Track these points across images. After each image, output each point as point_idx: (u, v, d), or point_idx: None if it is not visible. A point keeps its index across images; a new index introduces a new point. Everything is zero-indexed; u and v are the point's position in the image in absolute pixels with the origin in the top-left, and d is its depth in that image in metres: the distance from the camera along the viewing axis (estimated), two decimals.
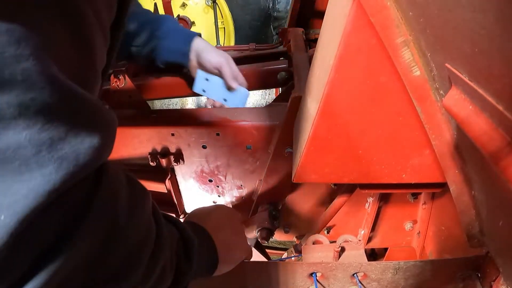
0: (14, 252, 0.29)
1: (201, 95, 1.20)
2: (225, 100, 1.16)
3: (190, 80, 1.17)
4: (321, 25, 0.71)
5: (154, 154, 1.17)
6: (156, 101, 1.77)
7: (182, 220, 0.68)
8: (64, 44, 0.33)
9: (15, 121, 0.28)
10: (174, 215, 1.31)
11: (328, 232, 1.22)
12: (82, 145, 0.32)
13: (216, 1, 3.08)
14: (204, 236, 0.66)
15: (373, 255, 1.53)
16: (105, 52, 0.42)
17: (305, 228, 1.26)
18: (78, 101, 0.33)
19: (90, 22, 0.36)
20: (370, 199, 1.10)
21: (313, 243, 0.86)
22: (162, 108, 1.74)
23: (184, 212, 1.36)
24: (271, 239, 1.24)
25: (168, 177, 1.24)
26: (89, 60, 0.38)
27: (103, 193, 0.37)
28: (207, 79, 1.13)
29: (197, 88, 1.15)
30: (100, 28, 0.39)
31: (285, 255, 1.22)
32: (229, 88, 1.11)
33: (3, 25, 0.27)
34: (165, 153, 1.17)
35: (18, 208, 0.29)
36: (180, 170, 1.25)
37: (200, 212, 0.74)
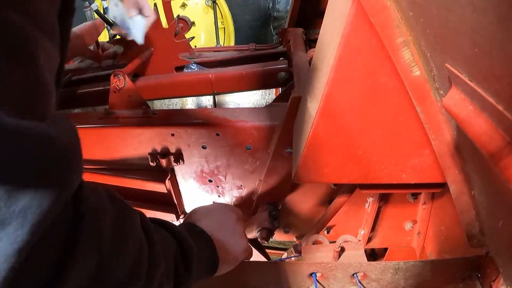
0: None
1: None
2: (128, 28, 1.15)
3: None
4: (321, 25, 0.71)
5: (154, 154, 1.17)
6: (156, 101, 1.76)
7: (182, 220, 0.67)
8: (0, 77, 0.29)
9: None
10: (174, 216, 1.31)
11: (328, 232, 1.22)
12: (44, 187, 0.29)
13: (216, 1, 3.08)
14: (203, 239, 0.65)
15: (373, 255, 1.53)
16: (56, 50, 0.38)
17: (305, 228, 1.26)
18: (24, 141, 0.29)
19: (23, 33, 0.31)
20: (370, 199, 1.10)
21: (313, 243, 0.86)
22: (162, 108, 1.74)
23: (184, 212, 1.36)
24: (271, 239, 1.24)
25: (168, 177, 1.24)
26: (33, 77, 0.33)
27: (85, 224, 0.35)
28: (116, 5, 1.13)
29: (111, 14, 1.15)
30: (42, 32, 0.34)
31: (285, 255, 1.22)
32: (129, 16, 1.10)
33: None
34: (165, 153, 1.17)
35: None
36: (180, 170, 1.25)
37: (199, 212, 0.74)
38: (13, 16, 0.30)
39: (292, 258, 1.08)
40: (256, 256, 1.32)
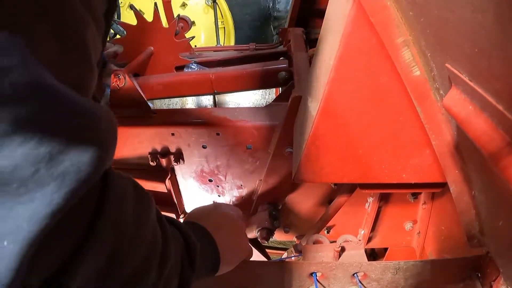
0: (22, 278, 0.28)
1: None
2: None
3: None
4: (321, 25, 0.71)
5: (154, 154, 1.17)
6: (156, 101, 1.77)
7: (182, 220, 0.67)
8: (53, 46, 0.31)
9: (9, 138, 0.26)
10: (174, 215, 1.31)
11: (328, 232, 1.22)
12: (83, 156, 0.30)
13: (216, 1, 3.08)
14: (205, 238, 0.65)
15: (373, 255, 1.53)
16: (100, 41, 0.40)
17: (305, 228, 1.26)
18: (74, 110, 0.30)
19: (80, 16, 0.34)
20: (370, 199, 1.10)
21: (313, 243, 0.86)
22: (162, 108, 1.75)
23: (184, 212, 1.36)
24: (271, 239, 1.24)
25: (168, 177, 1.24)
26: (83, 58, 0.35)
27: (110, 206, 0.36)
28: None
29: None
30: (92, 19, 0.36)
31: (285, 255, 1.22)
32: None
33: None
34: (165, 153, 1.17)
35: (20, 234, 0.27)
36: (180, 170, 1.25)
37: (200, 212, 0.74)
38: (75, 2, 0.33)
39: (292, 258, 1.08)
40: (256, 256, 1.32)
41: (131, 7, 2.18)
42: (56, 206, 0.28)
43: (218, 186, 1.27)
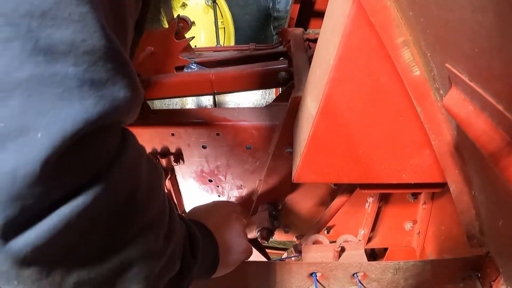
0: (48, 177, 0.30)
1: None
2: None
3: None
4: (321, 25, 0.71)
5: (154, 154, 1.17)
6: (156, 101, 1.76)
7: None
8: (107, 6, 0.36)
9: (64, 57, 0.31)
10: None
11: (328, 232, 1.22)
12: (118, 93, 0.34)
13: (216, 1, 3.08)
14: (207, 235, 0.66)
15: (373, 255, 1.53)
16: (132, 24, 0.45)
17: (305, 228, 1.26)
18: (119, 54, 0.35)
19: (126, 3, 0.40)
20: (370, 199, 1.10)
21: (313, 243, 0.86)
22: (162, 108, 1.74)
23: (184, 212, 1.36)
24: (271, 239, 1.24)
25: (168, 177, 1.24)
26: (122, 26, 0.41)
27: (127, 156, 0.38)
28: None
29: None
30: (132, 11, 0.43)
31: (285, 255, 1.22)
32: None
33: None
34: (165, 153, 1.17)
35: (55, 129, 0.30)
36: (180, 170, 1.25)
37: (199, 211, 0.74)
38: None
39: (292, 258, 1.08)
40: (256, 256, 1.32)
41: None
42: (90, 116, 0.31)
43: (218, 186, 1.27)
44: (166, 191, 1.25)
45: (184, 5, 3.07)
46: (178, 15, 1.51)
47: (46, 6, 0.30)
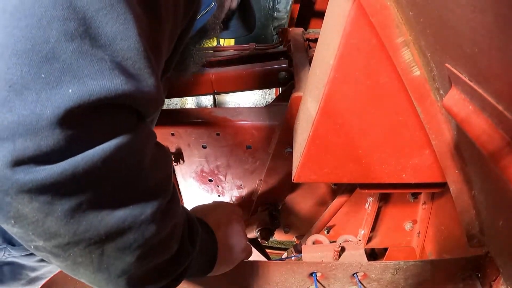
0: (68, 125, 0.35)
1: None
2: None
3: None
4: (321, 25, 0.71)
5: None
6: None
7: None
8: (144, 24, 0.43)
9: (103, 48, 0.37)
10: None
11: (328, 232, 1.22)
12: (141, 85, 0.40)
13: None
14: (207, 231, 0.66)
15: (373, 255, 1.53)
16: (172, 43, 0.54)
17: (305, 228, 1.26)
18: (149, 60, 0.41)
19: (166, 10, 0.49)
20: (370, 199, 1.10)
21: (313, 243, 0.86)
22: (162, 108, 1.75)
23: None
24: (271, 239, 1.24)
25: None
26: (155, 46, 0.48)
27: (141, 132, 0.43)
28: None
29: None
30: (173, 16, 0.52)
31: (285, 255, 1.22)
32: None
33: None
34: None
35: (83, 91, 0.35)
36: (180, 170, 1.25)
37: (199, 211, 0.74)
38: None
39: (292, 258, 1.08)
40: (256, 256, 1.32)
41: None
42: (116, 91, 0.37)
43: (218, 186, 1.27)
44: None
45: None
46: None
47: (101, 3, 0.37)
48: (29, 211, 0.36)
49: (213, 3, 0.70)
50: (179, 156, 1.17)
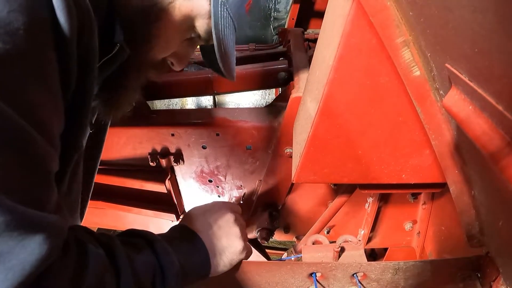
0: None
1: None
2: None
3: None
4: (321, 25, 0.71)
5: (154, 154, 1.17)
6: (156, 101, 1.77)
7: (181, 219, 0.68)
8: (13, 169, 0.38)
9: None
10: (174, 216, 1.31)
11: (328, 232, 1.22)
12: (29, 256, 0.37)
13: None
14: (194, 244, 0.66)
15: (373, 255, 1.53)
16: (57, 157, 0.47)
17: (305, 228, 1.26)
18: (26, 221, 0.38)
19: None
20: (370, 199, 1.10)
21: (313, 243, 0.86)
22: (162, 109, 1.74)
23: (184, 212, 1.36)
24: (271, 239, 1.24)
25: (168, 177, 1.24)
26: (40, 175, 0.43)
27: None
28: None
29: None
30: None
31: (285, 255, 1.22)
32: None
33: None
34: (165, 153, 1.17)
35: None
36: (180, 170, 1.25)
37: (196, 212, 0.73)
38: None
39: (292, 258, 1.08)
40: (256, 256, 1.32)
41: None
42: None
43: (218, 187, 1.27)
44: (166, 190, 1.25)
45: None
46: None
47: None
48: None
49: (117, 46, 0.60)
50: (179, 156, 1.17)
